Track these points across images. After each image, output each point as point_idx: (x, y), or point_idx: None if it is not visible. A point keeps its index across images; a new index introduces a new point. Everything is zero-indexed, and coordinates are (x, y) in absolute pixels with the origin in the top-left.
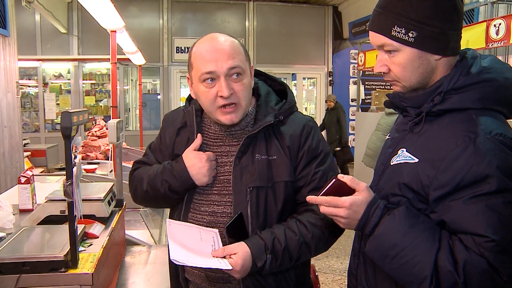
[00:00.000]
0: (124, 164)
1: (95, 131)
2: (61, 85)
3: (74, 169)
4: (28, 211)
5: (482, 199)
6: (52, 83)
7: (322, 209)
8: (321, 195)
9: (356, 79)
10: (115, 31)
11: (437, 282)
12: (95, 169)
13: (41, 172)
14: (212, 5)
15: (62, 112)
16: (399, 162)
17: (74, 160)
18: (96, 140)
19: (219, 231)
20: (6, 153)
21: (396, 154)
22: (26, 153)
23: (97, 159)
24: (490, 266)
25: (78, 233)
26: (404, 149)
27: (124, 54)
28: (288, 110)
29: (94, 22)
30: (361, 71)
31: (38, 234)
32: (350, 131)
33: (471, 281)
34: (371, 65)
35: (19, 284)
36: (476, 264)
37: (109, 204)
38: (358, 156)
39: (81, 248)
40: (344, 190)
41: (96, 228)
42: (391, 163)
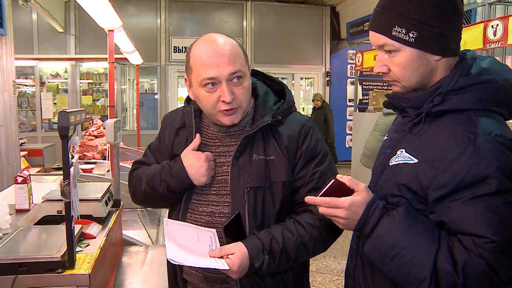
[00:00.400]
0: (122, 164)
1: (92, 131)
2: (58, 85)
3: (71, 169)
4: (25, 211)
5: (482, 200)
6: (49, 83)
7: (321, 210)
8: (320, 196)
9: (354, 80)
10: (113, 31)
11: (437, 283)
12: (92, 169)
13: (38, 172)
14: (210, 5)
15: (60, 112)
16: (398, 163)
17: (71, 160)
18: (93, 140)
19: (217, 231)
20: (3, 153)
21: (395, 155)
22: (23, 153)
23: (94, 159)
24: (490, 267)
25: (75, 234)
26: (403, 150)
27: (122, 54)
28: (286, 110)
29: (92, 21)
30: (359, 72)
31: (35, 235)
32: (348, 131)
33: (471, 282)
34: (369, 66)
35: (16, 285)
36: (476, 265)
37: (107, 204)
38: (356, 156)
39: (78, 249)
40: (343, 191)
41: (93, 229)
42: (390, 164)
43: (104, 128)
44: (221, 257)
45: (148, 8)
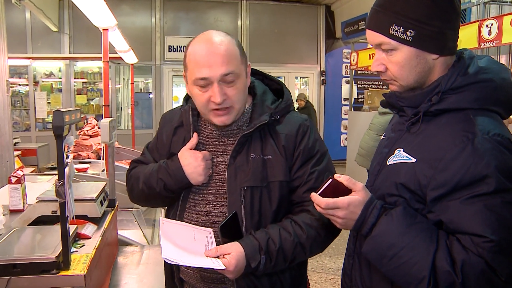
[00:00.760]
0: (117, 164)
1: (87, 130)
2: (52, 84)
3: (66, 169)
4: (19, 212)
5: (481, 199)
6: (43, 82)
7: (319, 209)
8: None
9: (349, 79)
10: (107, 30)
11: (435, 283)
12: (87, 169)
13: (32, 172)
14: (205, 4)
15: (54, 111)
16: (396, 162)
17: (66, 160)
18: (88, 139)
19: (213, 231)
20: None
21: (393, 154)
22: (17, 152)
23: (89, 158)
24: (488, 266)
25: (70, 234)
26: (401, 149)
27: (116, 53)
28: (284, 109)
29: (86, 20)
30: (354, 71)
31: (29, 235)
32: (343, 130)
33: (469, 281)
34: (364, 65)
35: (10, 287)
36: (474, 264)
37: (102, 204)
38: (351, 156)
39: (73, 249)
40: (341, 190)
41: (89, 229)
42: (388, 163)
43: (99, 128)
44: (218, 257)
45: (143, 7)
